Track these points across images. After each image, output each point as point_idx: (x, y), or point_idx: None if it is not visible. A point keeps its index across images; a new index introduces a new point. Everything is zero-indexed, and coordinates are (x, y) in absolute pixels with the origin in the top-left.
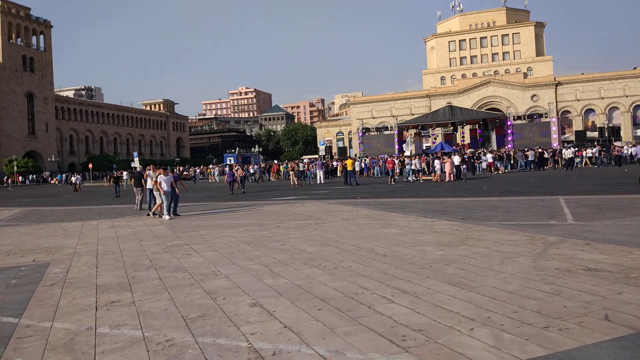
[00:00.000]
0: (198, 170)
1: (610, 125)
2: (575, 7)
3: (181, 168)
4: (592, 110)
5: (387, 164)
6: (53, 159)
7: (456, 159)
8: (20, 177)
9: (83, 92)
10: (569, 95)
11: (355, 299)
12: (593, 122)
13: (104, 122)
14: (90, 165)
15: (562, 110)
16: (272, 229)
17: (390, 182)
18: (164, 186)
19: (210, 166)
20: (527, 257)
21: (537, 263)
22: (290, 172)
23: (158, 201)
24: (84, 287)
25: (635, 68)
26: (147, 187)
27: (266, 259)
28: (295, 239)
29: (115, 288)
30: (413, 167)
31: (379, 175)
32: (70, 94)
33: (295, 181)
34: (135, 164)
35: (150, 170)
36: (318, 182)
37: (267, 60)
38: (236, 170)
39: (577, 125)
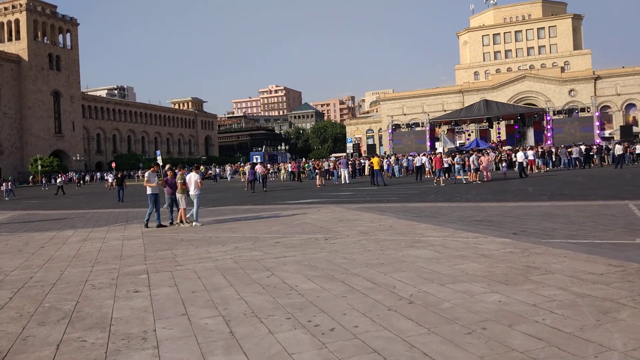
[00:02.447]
0: (218, 170)
1: None
2: None
3: (202, 167)
4: (633, 105)
5: (434, 163)
6: (78, 158)
7: (530, 153)
8: (66, 176)
9: (115, 91)
10: (608, 89)
11: None
12: (634, 117)
13: (131, 121)
14: (114, 165)
15: (602, 105)
16: (268, 247)
17: (437, 183)
18: (191, 189)
19: (245, 164)
20: (635, 310)
21: None
22: (317, 171)
23: (181, 206)
24: None
25: None
26: (148, 192)
27: (235, 304)
28: (291, 266)
29: None
30: (470, 164)
31: (399, 175)
32: (103, 93)
33: (318, 181)
34: (159, 162)
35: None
36: (343, 182)
37: (298, 58)
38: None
39: (618, 120)
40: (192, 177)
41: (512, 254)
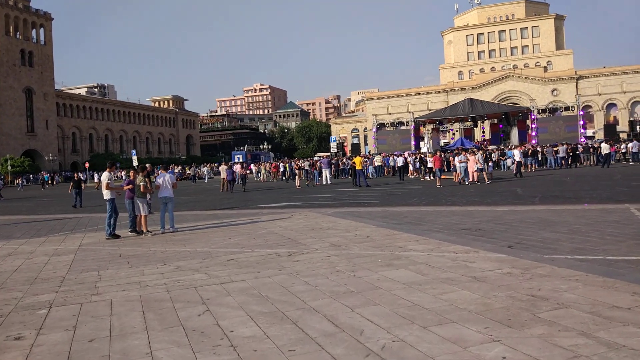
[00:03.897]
0: (195, 170)
1: (638, 119)
2: None
3: (176, 167)
4: (614, 104)
5: (434, 162)
6: (51, 158)
7: (517, 153)
8: (46, 175)
9: (96, 89)
10: (590, 89)
11: None
12: (615, 116)
13: (109, 119)
14: (87, 165)
15: (584, 104)
16: (217, 266)
17: (439, 184)
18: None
19: (221, 164)
20: None
21: None
22: (297, 172)
23: (142, 212)
24: None
25: None
26: (105, 197)
27: None
28: (235, 296)
29: None
30: (477, 165)
31: (374, 176)
32: (83, 91)
33: (297, 182)
34: (134, 162)
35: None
36: (324, 183)
37: (283, 56)
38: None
39: (599, 120)
40: (167, 178)
41: (511, 277)
